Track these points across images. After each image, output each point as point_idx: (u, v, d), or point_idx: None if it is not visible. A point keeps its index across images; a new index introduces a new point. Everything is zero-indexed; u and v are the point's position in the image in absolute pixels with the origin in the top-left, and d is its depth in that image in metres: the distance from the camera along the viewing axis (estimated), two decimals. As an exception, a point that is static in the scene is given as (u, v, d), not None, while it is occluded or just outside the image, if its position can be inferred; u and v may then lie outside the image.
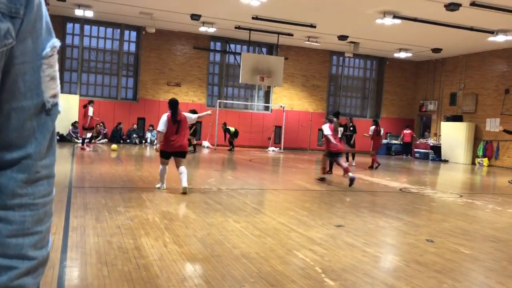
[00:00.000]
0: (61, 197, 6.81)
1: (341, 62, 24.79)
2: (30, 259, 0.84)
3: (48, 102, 0.85)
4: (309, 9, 16.05)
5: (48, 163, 0.87)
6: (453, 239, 5.69)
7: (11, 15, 0.76)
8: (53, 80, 0.86)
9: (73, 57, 20.67)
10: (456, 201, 9.17)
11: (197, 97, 22.07)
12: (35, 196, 0.85)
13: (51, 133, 0.88)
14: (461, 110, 22.38)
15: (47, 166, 0.87)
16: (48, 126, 0.86)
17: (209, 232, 5.27)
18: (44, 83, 0.84)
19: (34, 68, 0.82)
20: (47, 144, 0.87)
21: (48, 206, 0.87)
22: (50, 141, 0.87)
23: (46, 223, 0.87)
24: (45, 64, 0.84)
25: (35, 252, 0.85)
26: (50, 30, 0.86)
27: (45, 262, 0.87)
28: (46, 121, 0.86)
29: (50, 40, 0.85)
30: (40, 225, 0.86)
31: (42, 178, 0.86)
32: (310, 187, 9.98)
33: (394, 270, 4.34)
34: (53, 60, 0.86)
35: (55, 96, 0.86)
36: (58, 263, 3.89)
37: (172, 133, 7.89)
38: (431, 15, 15.47)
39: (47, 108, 0.85)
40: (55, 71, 0.87)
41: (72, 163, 11.81)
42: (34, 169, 0.84)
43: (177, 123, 7.92)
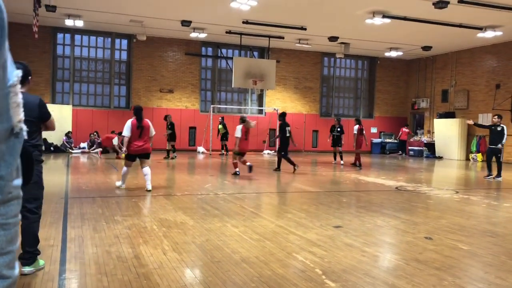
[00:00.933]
0: (58, 208, 6.78)
1: (332, 63, 24.88)
2: (5, 278, 0.85)
3: (16, 126, 0.88)
4: (298, 11, 16.11)
5: (17, 183, 0.89)
6: (451, 235, 5.71)
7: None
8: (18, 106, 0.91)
9: (64, 67, 20.60)
10: (452, 197, 9.21)
11: (190, 103, 22.06)
12: (7, 215, 0.87)
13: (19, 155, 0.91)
14: (453, 107, 22.52)
15: (17, 187, 0.89)
16: (17, 148, 0.89)
17: (208, 238, 5.26)
18: (12, 109, 0.88)
19: (3, 95, 0.86)
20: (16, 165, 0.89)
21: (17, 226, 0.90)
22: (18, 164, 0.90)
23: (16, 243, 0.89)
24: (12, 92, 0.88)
25: (9, 272, 0.86)
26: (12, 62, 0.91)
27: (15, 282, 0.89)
28: (15, 144, 0.89)
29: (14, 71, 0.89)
30: (12, 244, 0.88)
31: (13, 198, 0.88)
32: (306, 188, 10.00)
33: (394, 269, 4.35)
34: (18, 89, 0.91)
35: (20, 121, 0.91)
36: (57, 275, 3.87)
37: (135, 137, 8.58)
38: (420, 13, 15.58)
39: (15, 132, 0.88)
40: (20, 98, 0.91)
41: (67, 173, 11.75)
42: (6, 189, 0.86)
43: (141, 128, 8.62)
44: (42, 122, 4.07)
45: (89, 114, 20.55)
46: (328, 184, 10.79)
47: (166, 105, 21.70)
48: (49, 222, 5.85)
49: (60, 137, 19.03)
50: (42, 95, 19.29)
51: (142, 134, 8.64)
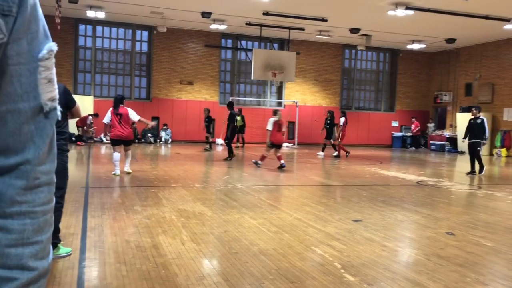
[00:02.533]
0: (78, 198, 6.86)
1: (353, 55, 24.57)
2: (30, 270, 0.81)
3: (46, 105, 0.82)
4: (319, 2, 15.91)
5: (48, 169, 0.83)
6: (474, 231, 5.59)
7: (3, 12, 0.74)
8: (50, 83, 0.83)
9: (86, 59, 20.83)
10: (475, 192, 9.02)
11: (209, 95, 22.09)
12: (34, 203, 0.81)
13: (51, 137, 0.85)
14: (477, 101, 22.01)
15: (47, 172, 0.83)
16: (47, 130, 0.83)
17: (226, 229, 5.25)
18: (41, 86, 0.81)
19: (30, 70, 0.80)
20: (47, 148, 0.83)
21: (48, 215, 0.84)
22: (50, 145, 0.84)
23: (46, 233, 0.84)
24: (42, 66, 0.82)
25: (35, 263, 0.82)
26: (47, 34, 0.85)
27: (46, 273, 0.84)
28: (45, 125, 0.83)
29: (47, 43, 0.83)
30: (40, 234, 0.82)
31: (42, 185, 0.82)
32: (325, 182, 9.92)
33: (414, 264, 4.27)
34: (50, 63, 0.84)
35: (53, 100, 0.84)
36: (77, 263, 3.91)
37: (115, 124, 9.36)
38: (444, 5, 15.22)
39: (45, 111, 0.82)
40: (52, 73, 0.84)
41: (88, 163, 11.91)
42: (33, 175, 0.81)
43: (119, 115, 9.37)
44: (68, 110, 4.09)
45: (110, 105, 20.59)
46: (348, 178, 10.68)
47: (186, 97, 21.78)
48: (70, 211, 5.92)
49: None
50: (64, 86, 19.55)
51: (121, 121, 9.35)
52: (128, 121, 9.51)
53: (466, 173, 12.42)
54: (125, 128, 9.46)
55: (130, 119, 9.54)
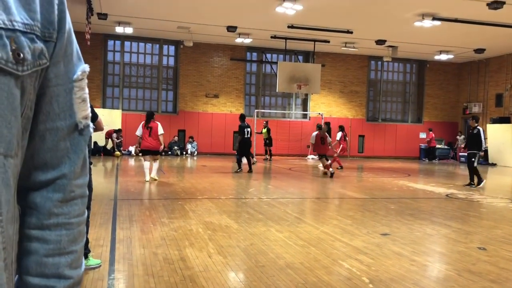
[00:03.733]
0: (107, 210, 6.99)
1: (379, 67, 24.39)
2: (66, 278, 0.85)
3: (81, 122, 0.88)
4: (345, 15, 15.91)
5: (81, 182, 0.89)
6: (507, 246, 5.42)
7: (44, 39, 0.80)
8: (84, 102, 0.89)
9: (114, 73, 21.33)
10: (508, 206, 8.77)
11: (235, 108, 22.24)
12: (70, 215, 0.87)
13: (84, 153, 0.90)
14: (509, 111, 21.48)
15: (81, 185, 0.89)
16: (81, 146, 0.89)
17: (252, 242, 5.25)
18: (76, 105, 0.87)
19: (66, 90, 0.86)
20: (81, 164, 0.88)
21: (82, 226, 0.89)
22: (84, 161, 0.90)
23: (80, 243, 0.89)
24: (77, 87, 0.87)
25: (71, 272, 0.87)
26: (80, 56, 0.91)
27: (79, 282, 0.89)
28: (79, 141, 0.88)
29: (81, 65, 0.90)
30: (75, 244, 0.88)
31: (76, 198, 0.88)
32: (352, 195, 9.81)
33: (445, 279, 4.17)
34: (84, 84, 0.90)
35: (86, 118, 0.89)
36: (107, 275, 3.98)
37: (146, 136, 10.52)
38: (472, 14, 15.00)
39: (79, 129, 0.88)
40: (85, 93, 0.90)
41: (116, 176, 12.12)
42: (69, 188, 0.86)
43: (149, 128, 10.54)
44: None
45: (138, 119, 21.10)
46: (375, 191, 10.54)
47: (212, 110, 21.99)
48: (99, 223, 6.03)
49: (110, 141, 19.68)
50: (93, 100, 20.05)
51: (151, 133, 10.51)
52: (157, 133, 10.58)
53: (463, 185, 11.99)
54: (153, 140, 10.55)
55: (158, 132, 10.63)
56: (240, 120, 14.27)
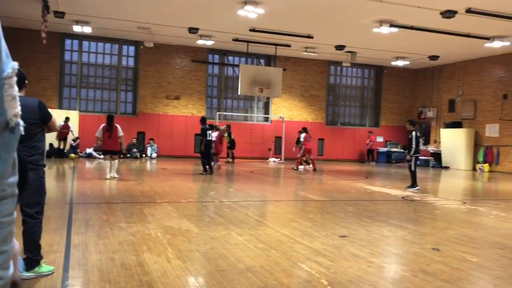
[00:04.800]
0: (62, 214, 6.76)
1: (339, 72, 24.86)
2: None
3: (12, 120, 0.84)
4: (306, 20, 16.12)
5: (13, 181, 0.85)
6: (459, 247, 5.63)
7: None
8: (14, 100, 0.86)
9: (72, 73, 20.73)
10: (460, 208, 9.12)
11: (196, 110, 22.08)
12: (0, 214, 0.82)
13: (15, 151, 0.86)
14: (460, 117, 22.39)
15: (12, 184, 0.85)
16: (12, 144, 0.85)
17: (213, 246, 5.21)
18: (6, 102, 0.84)
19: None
20: (12, 162, 0.85)
21: (12, 225, 0.85)
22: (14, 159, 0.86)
23: (9, 243, 0.85)
24: (6, 84, 0.85)
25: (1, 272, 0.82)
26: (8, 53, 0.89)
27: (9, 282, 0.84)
28: (10, 140, 0.84)
29: (9, 63, 0.86)
30: (5, 244, 0.83)
31: (7, 197, 0.84)
32: (312, 197, 9.93)
33: (401, 280, 4.28)
34: (13, 81, 0.87)
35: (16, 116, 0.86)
36: (60, 282, 3.84)
37: (106, 137, 11.49)
38: (427, 22, 15.55)
39: (10, 127, 0.84)
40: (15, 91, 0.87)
41: (73, 179, 11.76)
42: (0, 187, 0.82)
43: (109, 131, 11.48)
44: (44, 124, 4.03)
45: (96, 120, 20.58)
46: (334, 193, 10.72)
47: (173, 112, 21.74)
48: (53, 228, 5.82)
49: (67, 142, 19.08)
50: (49, 101, 19.40)
51: (111, 136, 11.48)
52: (117, 136, 11.60)
53: (405, 187, 11.99)
54: (113, 141, 11.57)
55: (118, 133, 11.62)
56: (201, 123, 14.30)
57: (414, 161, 11.86)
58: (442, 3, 13.57)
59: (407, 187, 11.93)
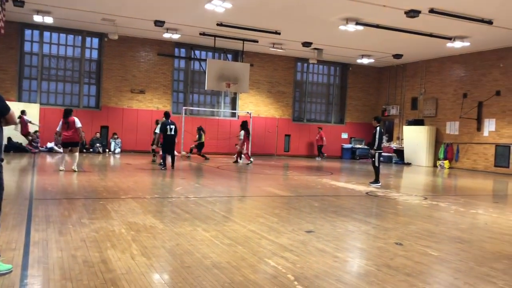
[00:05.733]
0: (21, 210, 6.52)
1: (305, 69, 25.04)
2: None
3: None
4: (273, 16, 16.14)
5: None
6: (421, 241, 5.77)
7: None
8: None
9: (32, 65, 20.01)
10: (421, 203, 9.36)
11: (162, 104, 21.78)
12: None
13: None
14: (422, 114, 23.01)
15: None
16: None
17: (178, 243, 5.14)
18: None
19: None
20: None
21: None
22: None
23: None
24: None
25: None
26: None
27: None
28: None
29: None
30: None
31: None
32: (279, 193, 9.97)
33: (366, 274, 4.35)
34: None
35: None
36: (19, 281, 3.69)
37: (64, 130, 12.12)
38: (392, 21, 15.86)
39: None
40: None
41: (32, 174, 11.38)
42: None
43: (67, 123, 12.07)
44: (1, 117, 3.86)
45: (57, 113, 19.95)
46: (300, 189, 10.80)
47: (137, 106, 21.36)
48: (11, 224, 5.61)
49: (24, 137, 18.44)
50: (8, 93, 18.69)
51: (69, 127, 12.04)
52: (74, 127, 12.09)
53: (369, 182, 12.30)
54: (73, 133, 12.07)
55: (76, 125, 12.10)
56: (164, 117, 14.60)
57: (377, 157, 12.14)
58: (407, 3, 13.86)
59: (370, 183, 12.19)
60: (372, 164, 12.43)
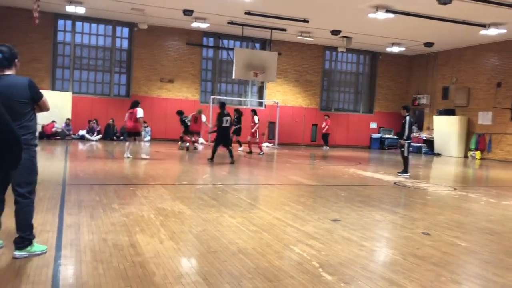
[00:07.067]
0: (55, 195, 6.75)
1: (334, 57, 24.77)
2: None
3: None
4: (301, 4, 15.99)
5: None
6: (449, 232, 5.70)
7: None
8: None
9: (65, 54, 20.49)
10: (451, 194, 9.20)
11: (190, 93, 21.98)
12: None
13: None
14: (454, 104, 22.46)
15: None
16: None
17: (205, 228, 5.24)
18: None
19: None
20: None
21: None
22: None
23: None
24: None
25: None
26: None
27: None
28: None
29: None
30: None
31: None
32: (305, 182, 9.97)
33: (391, 263, 4.33)
34: None
35: None
36: (53, 261, 3.85)
37: (129, 119, 12.75)
38: (423, 9, 15.48)
39: None
40: None
41: (65, 160, 11.72)
42: None
43: (131, 114, 12.67)
44: (34, 103, 3.99)
45: (89, 102, 20.48)
46: (326, 178, 10.77)
47: (166, 95, 21.62)
48: (46, 208, 5.82)
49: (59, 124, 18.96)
50: (42, 82, 19.20)
51: (132, 118, 12.66)
52: (136, 117, 12.64)
53: (397, 172, 12.19)
54: (134, 122, 12.70)
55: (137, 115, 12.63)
56: (219, 108, 13.31)
57: (407, 147, 11.98)
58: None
59: (399, 173, 12.04)
60: (401, 154, 12.28)
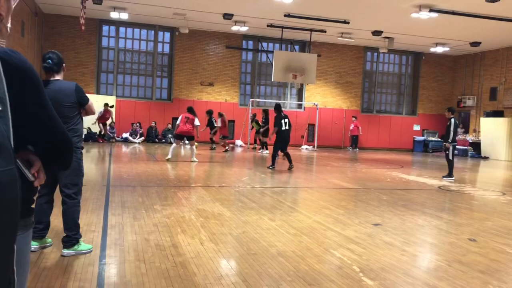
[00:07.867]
0: (99, 196, 6.97)
1: (375, 58, 24.35)
2: None
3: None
4: (342, 5, 15.82)
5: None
6: (497, 238, 5.47)
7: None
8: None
9: (109, 59, 21.15)
10: (499, 199, 8.83)
11: (230, 96, 22.17)
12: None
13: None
14: (502, 105, 21.57)
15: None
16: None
17: (245, 230, 5.26)
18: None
19: None
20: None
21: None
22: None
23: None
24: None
25: None
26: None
27: None
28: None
29: None
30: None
31: None
32: (345, 185, 9.84)
33: (435, 270, 4.20)
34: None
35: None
36: (98, 260, 3.97)
37: (183, 123, 13.03)
38: (469, 7, 14.96)
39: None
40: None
41: (110, 162, 12.07)
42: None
43: (187, 118, 13.09)
44: (81, 107, 4.15)
45: (132, 105, 21.04)
46: (368, 181, 10.58)
47: (207, 98, 21.91)
48: (91, 208, 6.01)
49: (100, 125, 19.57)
50: (87, 86, 19.88)
51: (187, 122, 13.03)
52: (193, 123, 13.15)
53: (442, 176, 11.84)
54: (186, 125, 12.99)
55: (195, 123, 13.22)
56: (275, 111, 12.27)
57: (452, 150, 11.61)
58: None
59: (443, 176, 11.69)
60: (446, 158, 11.91)
